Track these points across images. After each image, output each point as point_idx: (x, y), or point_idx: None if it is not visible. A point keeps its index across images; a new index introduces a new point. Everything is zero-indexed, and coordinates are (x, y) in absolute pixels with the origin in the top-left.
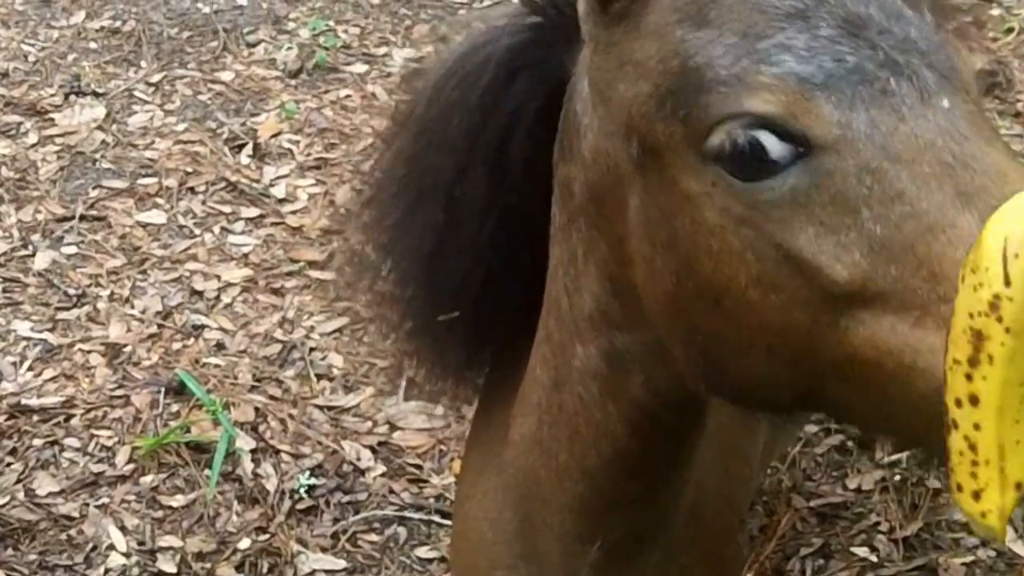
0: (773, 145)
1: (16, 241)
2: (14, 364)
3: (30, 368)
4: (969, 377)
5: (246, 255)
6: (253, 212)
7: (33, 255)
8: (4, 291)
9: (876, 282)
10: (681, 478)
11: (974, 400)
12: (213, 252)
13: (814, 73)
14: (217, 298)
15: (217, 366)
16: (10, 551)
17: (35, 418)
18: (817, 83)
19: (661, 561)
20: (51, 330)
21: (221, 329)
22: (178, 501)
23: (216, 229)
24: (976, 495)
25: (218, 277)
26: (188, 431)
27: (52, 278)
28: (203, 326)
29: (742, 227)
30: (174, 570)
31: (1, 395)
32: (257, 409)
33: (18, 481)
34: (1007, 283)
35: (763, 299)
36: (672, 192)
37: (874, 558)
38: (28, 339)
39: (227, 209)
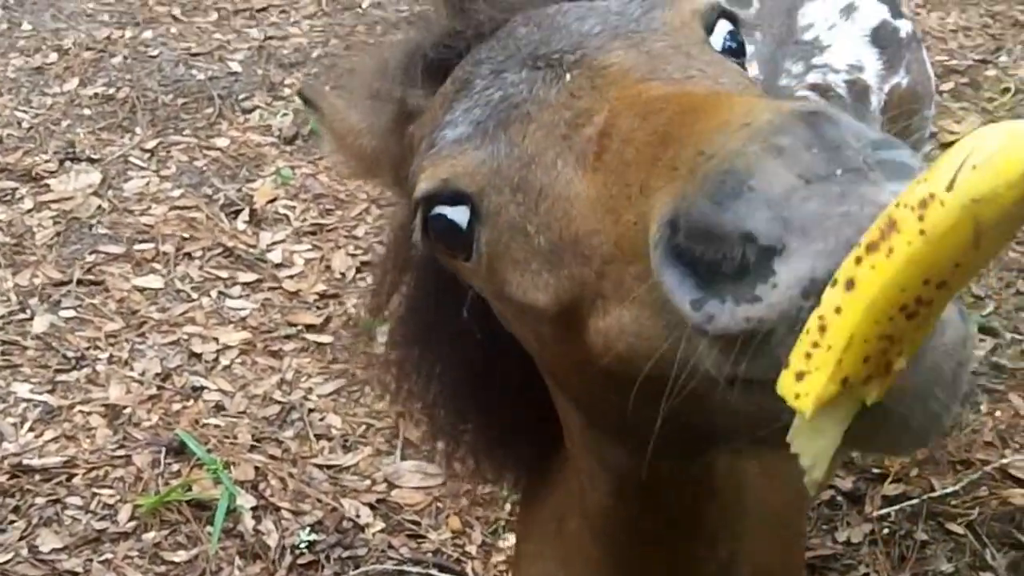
0: (454, 215)
1: (14, 305)
2: (15, 425)
3: (31, 429)
4: (858, 261)
5: (244, 318)
6: (250, 277)
7: (31, 319)
8: (3, 354)
9: (564, 292)
10: (714, 557)
11: (850, 284)
12: (211, 316)
13: (464, 131)
14: (216, 360)
15: (217, 427)
16: None
17: (37, 477)
18: (466, 137)
19: None
20: (51, 392)
21: (220, 391)
22: (180, 556)
23: (213, 293)
24: (800, 376)
25: (216, 340)
26: (189, 489)
27: (51, 341)
28: (202, 388)
29: (494, 299)
30: None
31: (3, 455)
32: (257, 468)
33: (21, 538)
34: (949, 188)
35: (541, 347)
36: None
37: None
38: (28, 401)
39: (224, 274)
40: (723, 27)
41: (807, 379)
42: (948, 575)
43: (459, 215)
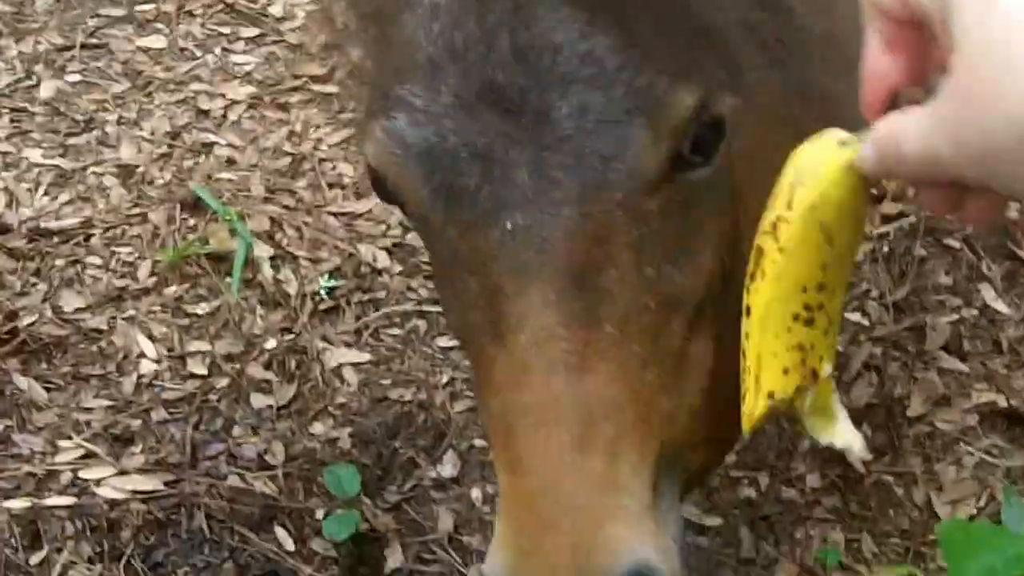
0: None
1: (20, 72)
2: (29, 190)
3: (46, 193)
4: (747, 290)
5: (249, 73)
6: (253, 31)
7: (37, 85)
8: (12, 121)
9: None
10: None
11: (748, 311)
12: (216, 72)
13: (414, 142)
14: (224, 116)
15: (230, 180)
16: (44, 365)
17: (55, 239)
18: (413, 153)
19: None
20: (63, 155)
21: (231, 145)
22: (203, 309)
23: (217, 50)
24: (743, 396)
25: (223, 96)
26: (207, 242)
27: (59, 106)
28: (213, 143)
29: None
30: (205, 372)
31: (20, 220)
32: (272, 219)
33: (44, 299)
34: (788, 207)
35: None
36: None
37: (866, 322)
38: (41, 166)
39: (227, 30)
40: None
41: (745, 399)
42: (946, 288)
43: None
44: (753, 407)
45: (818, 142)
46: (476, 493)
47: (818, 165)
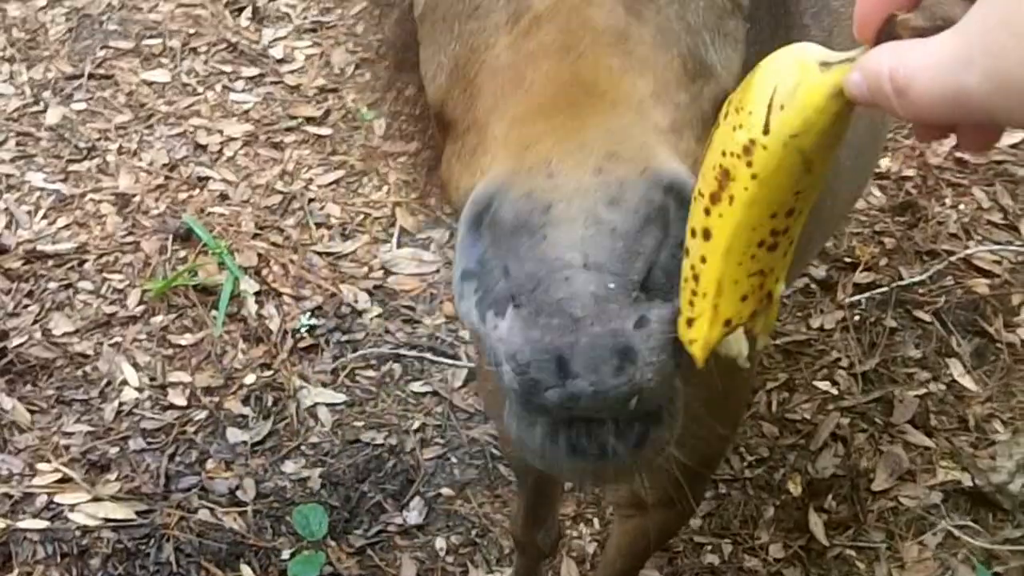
0: None
1: (28, 98)
2: (29, 213)
3: (44, 216)
4: (707, 212)
5: (247, 111)
6: (253, 71)
7: (45, 111)
8: (18, 144)
9: (448, 104)
10: None
11: (707, 234)
12: (215, 109)
13: None
14: (220, 152)
15: (221, 215)
16: (28, 387)
17: (50, 263)
18: None
19: None
20: (63, 181)
21: (224, 180)
22: (187, 340)
23: (218, 87)
24: (690, 322)
25: (221, 132)
26: (195, 274)
27: (63, 132)
28: (207, 178)
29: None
30: (184, 403)
31: (17, 242)
32: (260, 255)
33: (35, 322)
34: (765, 131)
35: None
36: None
37: (835, 391)
38: (42, 189)
39: (228, 68)
40: None
41: (695, 326)
42: (916, 360)
43: None
44: (709, 335)
45: (794, 60)
46: (440, 543)
47: (799, 88)
